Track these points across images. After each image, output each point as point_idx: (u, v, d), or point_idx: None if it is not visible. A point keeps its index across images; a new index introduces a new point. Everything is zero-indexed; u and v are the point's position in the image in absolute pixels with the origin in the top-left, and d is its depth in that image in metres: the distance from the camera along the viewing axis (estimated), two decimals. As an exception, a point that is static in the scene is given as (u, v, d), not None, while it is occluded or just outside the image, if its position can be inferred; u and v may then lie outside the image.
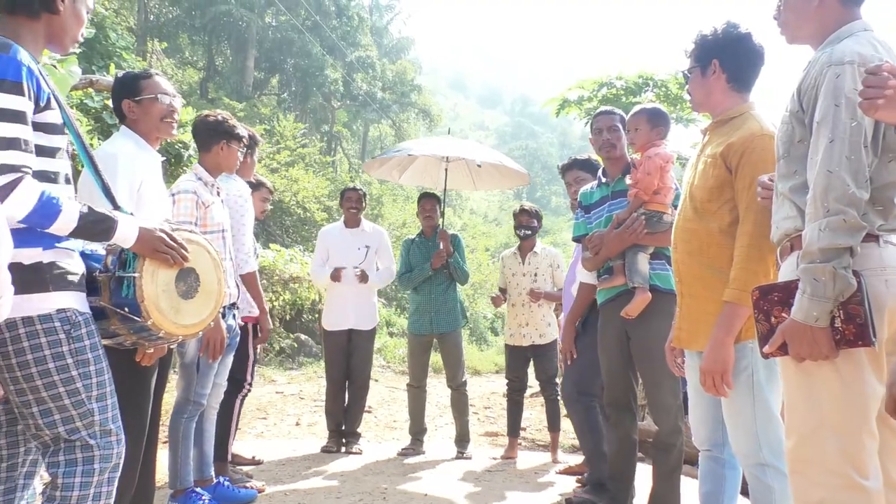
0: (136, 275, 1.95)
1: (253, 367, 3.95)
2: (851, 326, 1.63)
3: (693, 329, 2.43)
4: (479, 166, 5.34)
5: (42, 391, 1.77)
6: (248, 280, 3.59)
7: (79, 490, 1.78)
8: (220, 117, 3.36)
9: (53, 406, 1.78)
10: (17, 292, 1.70)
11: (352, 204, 5.16)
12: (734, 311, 2.23)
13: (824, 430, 1.71)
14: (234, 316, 3.32)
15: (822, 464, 1.71)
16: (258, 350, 4.14)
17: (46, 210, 1.74)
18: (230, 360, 3.47)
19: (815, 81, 1.75)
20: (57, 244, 1.84)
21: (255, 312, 3.79)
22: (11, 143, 1.69)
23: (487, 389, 10.65)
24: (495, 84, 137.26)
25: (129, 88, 2.62)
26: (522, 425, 5.69)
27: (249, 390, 3.97)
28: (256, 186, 4.15)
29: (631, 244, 3.19)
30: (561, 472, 4.51)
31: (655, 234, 3.17)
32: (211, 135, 3.31)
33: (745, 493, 2.47)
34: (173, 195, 3.12)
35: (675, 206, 3.05)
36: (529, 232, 5.08)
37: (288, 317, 12.61)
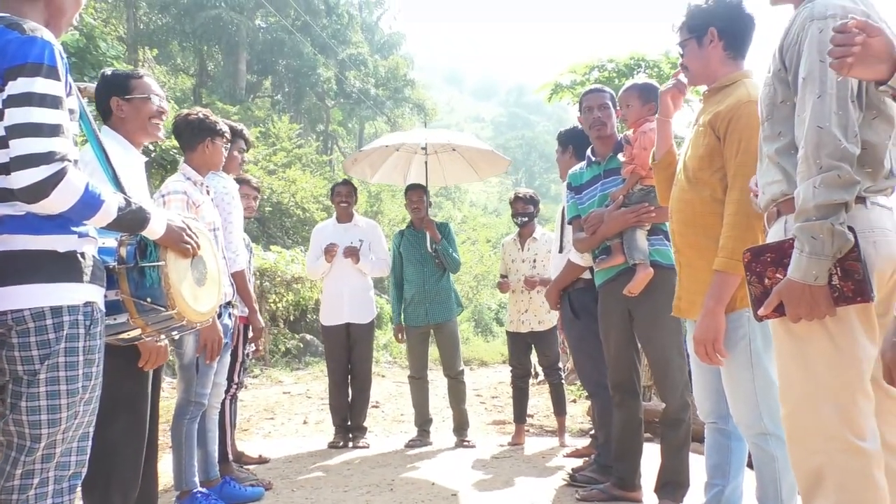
0: (161, 264, 1.96)
1: (241, 367, 3.92)
2: (850, 283, 1.60)
3: (692, 299, 2.42)
4: (424, 149, 5.38)
5: (41, 385, 1.68)
6: (236, 279, 3.54)
7: (35, 502, 1.67)
8: (200, 115, 3.32)
9: (46, 404, 1.68)
10: (48, 280, 1.66)
11: (342, 198, 5.13)
12: (724, 280, 2.22)
13: (819, 394, 1.69)
14: (229, 315, 3.30)
15: (819, 429, 1.69)
16: (265, 348, 4.12)
17: (90, 202, 1.70)
18: (228, 358, 3.45)
19: (798, 38, 1.72)
20: (89, 233, 1.80)
21: (246, 312, 3.77)
22: (55, 130, 1.63)
23: (494, 379, 10.66)
24: (490, 75, 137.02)
25: (120, 86, 2.57)
26: (530, 412, 5.69)
27: (238, 389, 3.95)
28: (240, 183, 4.08)
29: (632, 224, 3.16)
30: (568, 455, 4.49)
31: (656, 210, 3.15)
32: (195, 133, 3.28)
33: (751, 465, 2.46)
34: (163, 196, 3.09)
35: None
36: (526, 218, 5.07)
37: (292, 317, 12.62)
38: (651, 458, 3.40)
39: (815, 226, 1.59)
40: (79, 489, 1.86)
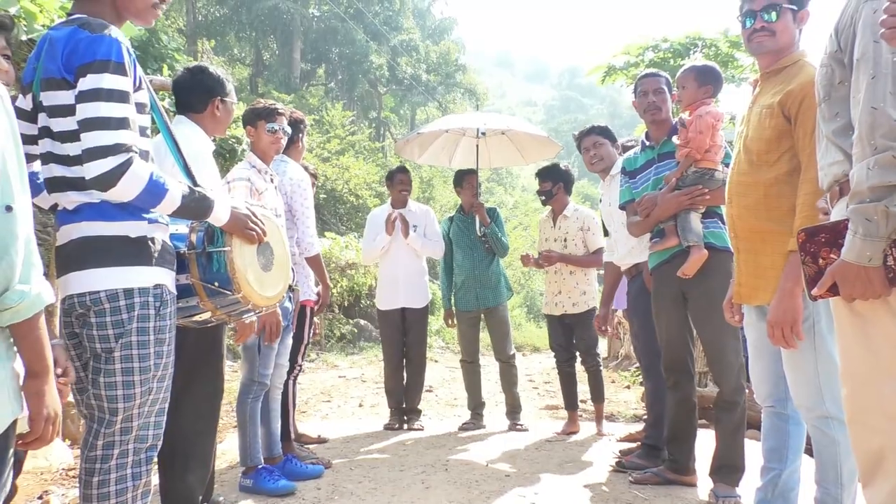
0: (227, 249, 2.06)
1: (305, 349, 4.04)
2: None
3: (754, 284, 2.40)
4: (483, 134, 5.34)
5: (116, 363, 1.80)
6: (313, 262, 3.72)
7: (116, 471, 1.79)
8: (257, 104, 3.49)
9: (121, 380, 1.80)
10: (121, 264, 1.78)
11: (404, 186, 5.20)
12: (800, 260, 2.19)
13: (881, 374, 1.66)
14: (289, 298, 3.42)
15: (881, 409, 1.66)
16: (321, 333, 4.25)
17: (155, 190, 1.79)
18: (290, 340, 3.57)
19: (852, 19, 1.69)
20: (159, 219, 1.90)
21: (313, 297, 3.90)
22: (122, 123, 1.73)
23: (547, 365, 10.65)
24: (542, 58, 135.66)
25: (222, 88, 2.76)
26: (582, 398, 5.60)
27: (300, 371, 4.08)
28: None
29: (686, 207, 3.14)
30: (621, 440, 4.49)
31: (711, 192, 3.12)
32: (250, 119, 3.42)
33: (808, 452, 2.43)
34: (228, 183, 3.21)
35: (726, 165, 3.00)
36: (544, 197, 4.94)
37: (346, 303, 12.85)
38: (706, 444, 3.39)
39: (869, 208, 1.57)
40: (155, 464, 1.98)
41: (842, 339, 1.80)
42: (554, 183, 4.89)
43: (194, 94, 2.72)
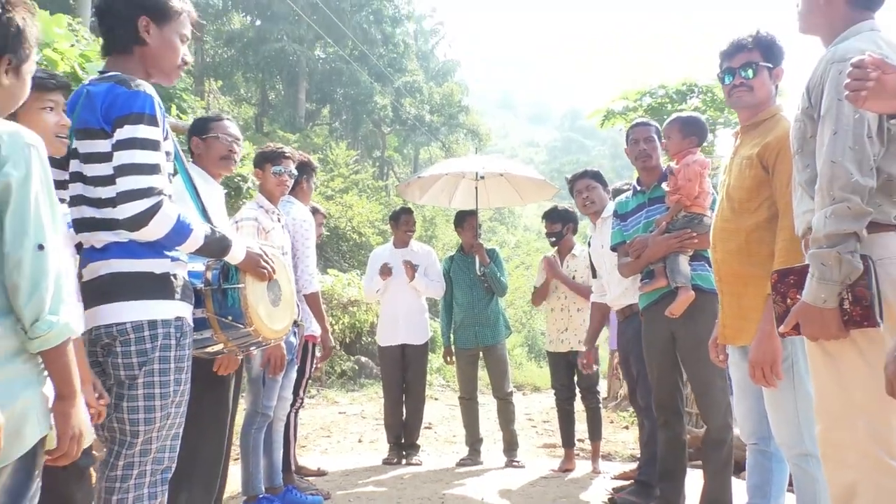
0: (241, 286, 2.21)
1: (306, 383, 4.14)
2: (858, 308, 1.71)
3: (737, 325, 2.51)
4: (481, 178, 5.55)
5: (139, 388, 1.93)
6: (311, 300, 3.83)
7: (134, 491, 1.91)
8: (265, 148, 3.68)
9: (143, 405, 1.93)
10: (146, 297, 1.93)
11: (409, 227, 5.35)
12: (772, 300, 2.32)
13: (853, 412, 1.77)
14: (294, 333, 3.54)
15: (853, 446, 1.77)
16: (321, 369, 4.35)
17: (181, 230, 1.96)
18: (294, 374, 3.69)
19: (821, 78, 1.86)
20: (180, 258, 2.06)
21: (317, 332, 4.02)
22: (153, 169, 1.91)
23: (547, 404, 10.66)
24: (544, 100, 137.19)
25: (198, 127, 2.93)
26: (579, 436, 5.69)
27: (302, 405, 4.17)
28: (312, 212, 4.39)
29: (675, 249, 3.28)
30: (616, 478, 4.56)
31: (699, 237, 3.26)
32: (258, 162, 3.60)
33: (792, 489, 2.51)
34: (237, 222, 3.38)
35: (713, 209, 3.16)
36: (554, 238, 5.08)
37: (348, 340, 12.90)
38: (697, 483, 3.46)
39: (824, 253, 1.71)
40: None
41: (816, 378, 1.92)
42: (564, 224, 5.04)
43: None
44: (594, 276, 4.45)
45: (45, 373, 1.46)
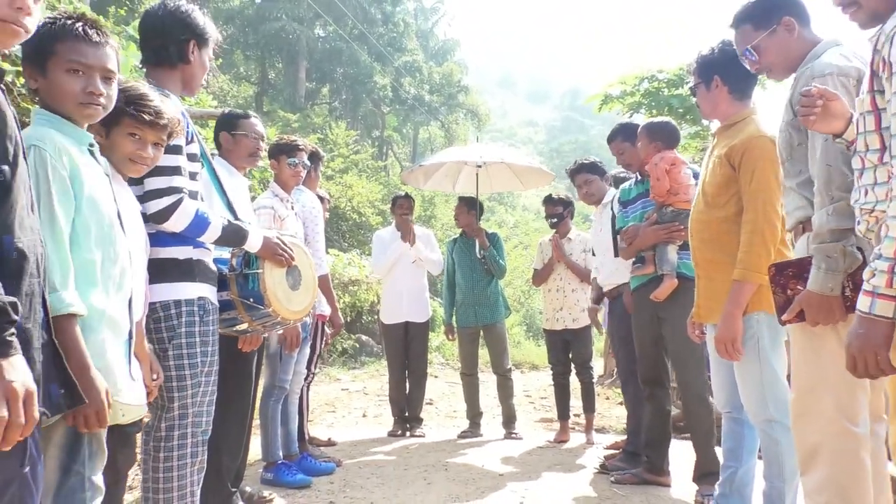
0: (260, 271, 2.47)
1: (317, 358, 4.43)
2: (858, 294, 1.94)
3: (709, 305, 2.79)
4: (479, 167, 5.79)
5: (170, 360, 2.21)
6: (321, 282, 4.08)
7: (178, 450, 2.20)
8: (280, 140, 3.93)
9: (175, 374, 2.21)
10: (171, 280, 2.21)
11: (404, 211, 5.61)
12: (741, 288, 2.60)
13: (824, 386, 2.03)
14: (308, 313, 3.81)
15: (820, 414, 2.03)
16: (327, 345, 4.62)
17: (200, 223, 2.24)
18: (307, 350, 3.98)
19: None
20: (205, 246, 2.35)
21: (327, 311, 4.29)
22: (175, 171, 2.21)
23: (545, 382, 10.97)
24: (543, 79, 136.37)
25: (228, 123, 3.18)
26: (575, 412, 5.97)
27: (312, 379, 4.46)
28: (319, 199, 4.64)
29: (664, 240, 3.55)
30: (608, 447, 4.86)
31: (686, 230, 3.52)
32: (273, 153, 3.84)
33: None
34: (255, 211, 3.63)
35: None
36: (555, 219, 5.35)
37: (348, 318, 13.16)
38: (680, 453, 3.77)
39: (829, 247, 1.93)
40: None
41: (795, 356, 2.17)
42: (564, 207, 5.37)
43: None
44: (594, 255, 4.74)
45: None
